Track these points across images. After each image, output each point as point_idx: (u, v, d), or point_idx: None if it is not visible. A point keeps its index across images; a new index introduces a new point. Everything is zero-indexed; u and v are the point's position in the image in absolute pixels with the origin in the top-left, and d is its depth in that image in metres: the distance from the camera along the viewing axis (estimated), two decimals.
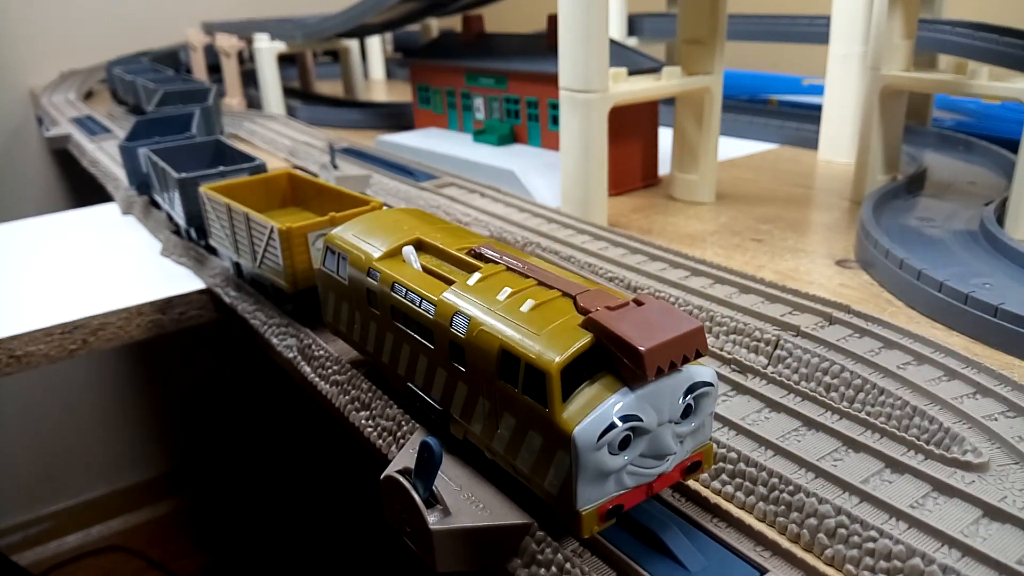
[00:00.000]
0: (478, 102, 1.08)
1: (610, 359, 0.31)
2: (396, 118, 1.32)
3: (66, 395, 1.96)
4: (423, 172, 0.94)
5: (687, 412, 0.32)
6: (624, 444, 0.31)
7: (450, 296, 0.36)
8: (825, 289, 0.62)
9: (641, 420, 0.30)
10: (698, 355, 0.31)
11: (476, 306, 0.35)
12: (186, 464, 2.15)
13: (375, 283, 0.41)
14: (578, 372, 0.31)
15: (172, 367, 2.05)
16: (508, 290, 0.35)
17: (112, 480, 2.08)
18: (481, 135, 1.05)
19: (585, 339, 0.31)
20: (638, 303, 0.32)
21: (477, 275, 0.37)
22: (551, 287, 0.35)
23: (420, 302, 0.38)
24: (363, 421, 0.46)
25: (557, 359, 0.30)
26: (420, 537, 0.35)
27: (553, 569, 0.33)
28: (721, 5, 0.79)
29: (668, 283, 0.59)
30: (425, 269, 0.41)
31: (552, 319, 0.33)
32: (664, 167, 0.95)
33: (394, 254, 0.42)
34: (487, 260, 0.39)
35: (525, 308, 0.34)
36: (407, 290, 0.39)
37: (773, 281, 0.58)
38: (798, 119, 1.13)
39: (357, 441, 0.49)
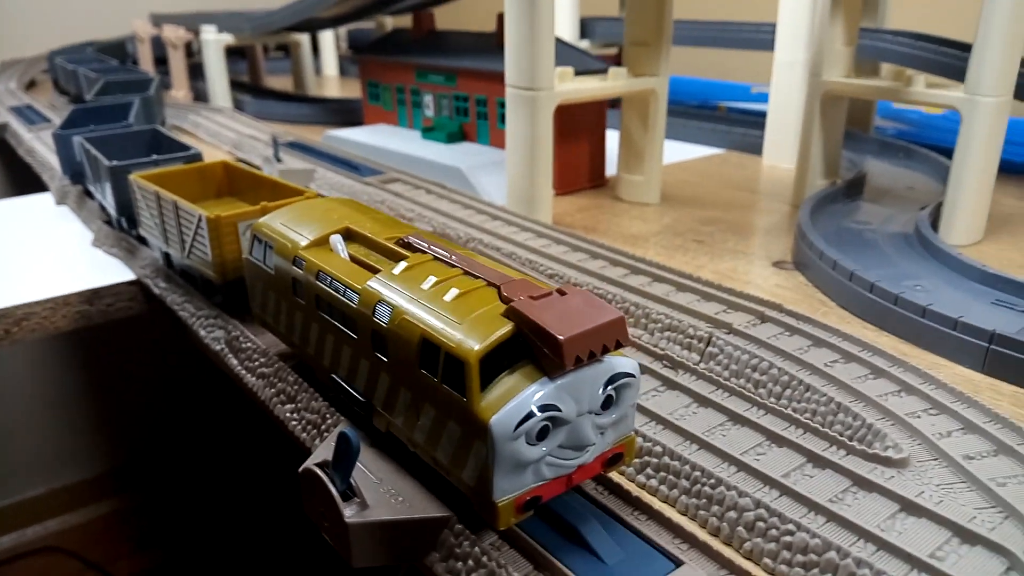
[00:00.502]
0: (427, 99, 1.07)
1: (531, 349, 0.31)
2: (346, 114, 1.30)
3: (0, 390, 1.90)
4: (368, 167, 0.93)
5: (608, 403, 0.32)
6: (542, 434, 0.30)
7: (374, 285, 0.36)
8: (761, 289, 0.63)
9: (560, 410, 0.30)
10: (619, 345, 0.31)
11: (399, 295, 0.34)
12: (126, 463, 2.10)
13: (300, 272, 0.40)
14: (498, 361, 0.31)
15: (111, 362, 1.99)
16: (433, 279, 0.35)
17: (48, 479, 2.02)
18: (430, 132, 1.04)
19: (506, 328, 0.31)
20: (561, 293, 0.32)
21: (403, 264, 0.36)
22: (476, 276, 0.35)
23: (344, 291, 0.37)
24: (288, 414, 0.44)
25: (476, 348, 0.30)
26: (337, 531, 0.34)
27: (470, 562, 0.32)
28: (667, 9, 0.79)
29: (607, 280, 0.59)
30: (352, 258, 0.40)
31: (475, 308, 0.32)
32: (612, 168, 0.96)
33: (321, 243, 0.41)
34: (415, 250, 0.39)
35: (448, 297, 0.33)
36: (332, 279, 0.38)
37: (711, 281, 0.58)
38: (744, 125, 1.14)
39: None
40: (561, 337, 0.29)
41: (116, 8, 2.04)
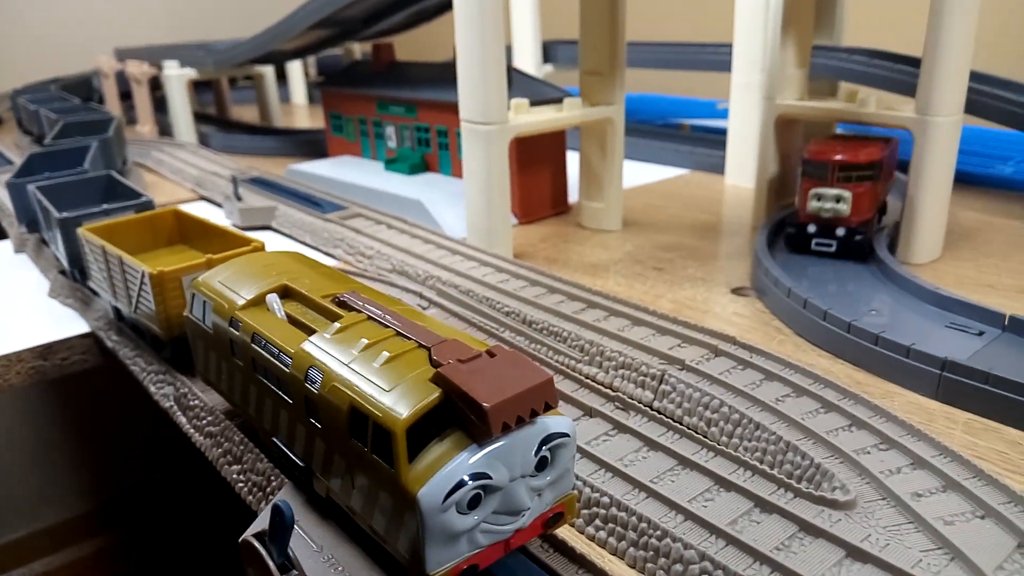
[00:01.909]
0: (389, 130, 1.07)
1: (460, 415, 0.30)
2: (312, 145, 1.30)
3: None
4: (330, 203, 0.92)
5: (543, 464, 0.31)
6: (474, 503, 0.30)
7: (307, 347, 0.35)
8: (719, 318, 0.63)
9: (491, 478, 0.30)
10: (547, 408, 0.30)
11: (331, 359, 0.34)
12: (110, 501, 2.07)
13: (237, 333, 0.40)
14: (427, 429, 0.30)
15: (88, 403, 1.97)
16: (364, 341, 0.34)
17: (32, 520, 1.99)
18: (393, 164, 1.04)
19: (434, 395, 0.30)
20: (491, 355, 0.32)
21: (336, 325, 0.36)
22: (409, 338, 0.34)
23: (278, 354, 0.37)
24: (235, 476, 0.44)
25: (402, 417, 0.29)
26: None
27: None
28: (620, 39, 0.80)
29: (563, 316, 0.59)
30: (289, 318, 0.39)
31: (404, 374, 0.32)
32: (575, 194, 0.96)
33: (259, 302, 0.41)
34: (351, 308, 0.38)
35: (378, 362, 0.33)
36: (266, 341, 0.37)
37: (669, 312, 0.58)
38: (707, 144, 1.15)
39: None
40: (487, 405, 0.29)
41: (82, 43, 2.03)
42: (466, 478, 0.29)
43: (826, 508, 0.37)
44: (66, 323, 0.70)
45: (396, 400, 0.30)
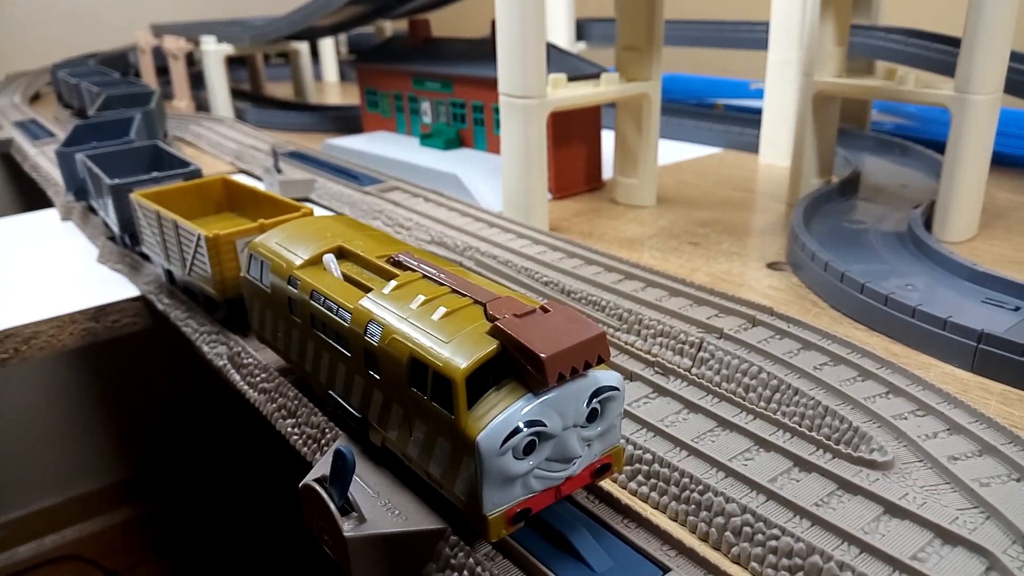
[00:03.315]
0: (425, 106, 1.08)
1: (516, 366, 0.32)
2: (346, 121, 1.31)
3: (15, 402, 1.92)
4: (368, 176, 0.94)
5: (593, 416, 0.33)
6: (529, 449, 0.31)
7: (366, 304, 0.37)
8: (755, 291, 0.64)
9: (545, 425, 0.31)
10: (600, 361, 0.32)
11: (390, 314, 0.35)
12: (142, 471, 2.12)
13: (295, 291, 0.41)
14: (484, 379, 0.31)
15: (121, 375, 2.01)
16: (421, 298, 0.35)
17: (65, 488, 2.04)
18: (428, 139, 1.05)
19: (491, 347, 0.32)
20: (544, 311, 0.33)
21: (393, 283, 0.37)
22: (464, 295, 0.36)
23: (337, 310, 0.38)
24: (289, 429, 0.46)
25: (462, 366, 0.31)
26: (337, 545, 0.35)
27: (465, 573, 0.34)
28: (658, 14, 0.80)
29: (601, 287, 0.60)
30: (345, 277, 0.41)
31: (461, 327, 0.33)
32: (609, 171, 0.96)
33: (315, 262, 0.42)
34: (405, 268, 0.40)
35: (436, 316, 0.34)
36: (325, 298, 0.39)
37: (705, 284, 0.59)
38: (741, 123, 1.15)
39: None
40: (543, 355, 0.30)
41: (118, 19, 2.06)
42: (522, 425, 0.30)
43: (864, 468, 0.38)
44: (115, 287, 0.72)
45: (455, 351, 0.32)
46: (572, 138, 0.92)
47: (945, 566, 0.32)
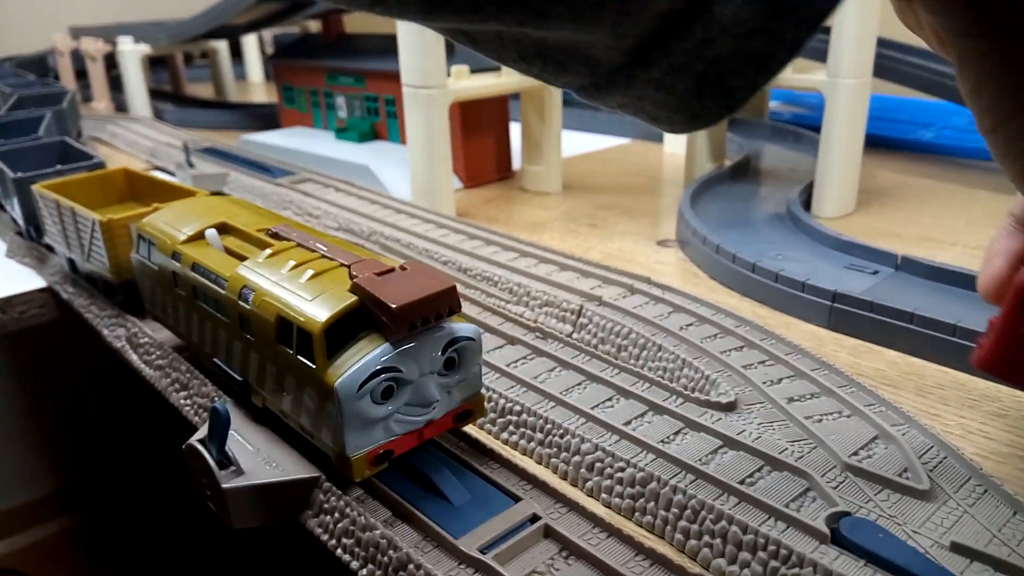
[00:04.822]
0: (340, 100, 1.10)
1: (373, 319, 0.34)
2: (265, 119, 1.32)
3: None
4: (280, 169, 0.95)
5: (451, 364, 0.36)
6: (387, 394, 0.34)
7: (241, 271, 0.39)
8: (643, 266, 0.67)
9: (401, 371, 0.34)
10: (451, 312, 0.35)
11: (262, 279, 0.38)
12: (74, 482, 2.07)
13: (179, 265, 0.43)
14: (345, 332, 0.34)
15: (39, 379, 1.97)
16: (292, 263, 0.38)
17: None
18: (343, 133, 1.07)
19: (349, 301, 0.34)
20: (403, 269, 0.36)
21: (267, 251, 0.40)
22: (332, 259, 0.38)
23: (216, 279, 0.40)
24: (181, 401, 0.47)
25: (321, 320, 0.33)
26: (216, 497, 0.37)
27: (337, 515, 0.36)
28: None
29: (496, 264, 0.63)
30: (227, 250, 0.43)
31: (325, 287, 0.36)
32: (518, 161, 1.00)
33: (198, 237, 0.44)
34: (282, 239, 0.42)
35: (303, 279, 0.37)
36: (205, 269, 0.41)
37: (598, 261, 0.62)
38: None
39: None
40: (394, 305, 0.33)
41: (36, 22, 2.02)
42: (378, 369, 0.33)
43: (710, 410, 0.42)
44: (23, 279, 0.72)
45: (317, 307, 0.34)
46: (480, 129, 0.94)
47: (769, 487, 0.36)
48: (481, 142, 0.95)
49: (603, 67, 0.25)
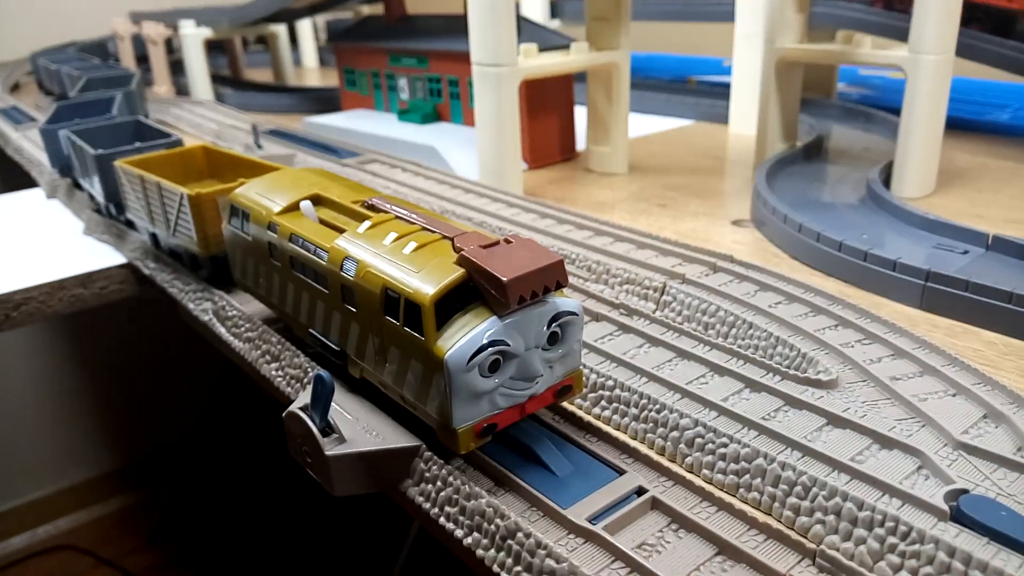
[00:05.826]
0: (402, 82, 1.10)
1: (481, 292, 0.34)
2: (325, 102, 1.33)
3: (6, 392, 1.92)
4: (347, 150, 0.96)
5: (554, 339, 0.35)
6: (494, 367, 0.34)
7: (341, 243, 0.39)
8: (719, 245, 0.66)
9: (508, 345, 0.34)
10: (559, 286, 0.34)
11: (364, 251, 0.38)
12: (136, 460, 2.13)
13: (275, 236, 0.44)
14: (452, 304, 0.34)
15: (111, 354, 2.02)
16: (394, 235, 0.38)
17: (58, 478, 2.05)
18: (405, 114, 1.07)
19: (457, 273, 0.34)
20: (508, 242, 0.36)
21: (367, 223, 0.40)
22: (433, 231, 0.38)
23: (315, 250, 0.40)
24: (273, 372, 0.48)
25: (431, 292, 0.33)
26: (319, 465, 0.38)
27: (439, 483, 0.36)
28: None
29: (572, 242, 0.63)
30: (322, 221, 0.43)
31: (430, 259, 0.36)
32: (583, 142, 0.99)
33: (293, 209, 0.44)
34: (379, 210, 0.42)
35: (407, 250, 0.37)
36: (303, 240, 0.41)
37: (670, 239, 0.61)
38: (711, 96, 1.17)
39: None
40: (505, 279, 0.33)
41: (97, 8, 2.06)
42: (486, 343, 0.33)
43: (810, 387, 0.41)
44: (102, 256, 0.74)
45: (424, 279, 0.34)
46: (545, 110, 0.94)
47: (880, 465, 0.35)
48: (546, 122, 0.95)
49: None
